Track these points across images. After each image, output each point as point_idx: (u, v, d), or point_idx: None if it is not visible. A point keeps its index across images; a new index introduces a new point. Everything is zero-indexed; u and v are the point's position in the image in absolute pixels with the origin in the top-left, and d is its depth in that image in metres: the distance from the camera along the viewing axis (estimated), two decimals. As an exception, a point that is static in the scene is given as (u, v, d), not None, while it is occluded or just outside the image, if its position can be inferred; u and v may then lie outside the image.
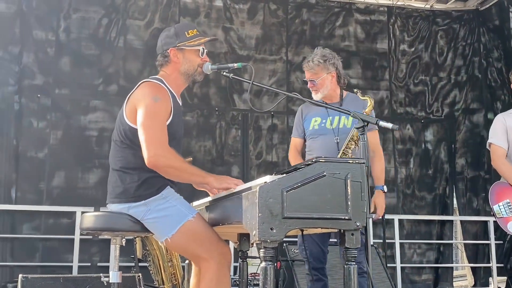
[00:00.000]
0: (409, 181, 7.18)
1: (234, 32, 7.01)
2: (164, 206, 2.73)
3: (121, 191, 2.76)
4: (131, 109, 2.79)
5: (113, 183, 2.82)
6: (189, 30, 2.96)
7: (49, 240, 5.96)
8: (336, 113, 3.85)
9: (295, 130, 4.03)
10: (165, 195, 2.75)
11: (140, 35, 6.64)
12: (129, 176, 2.77)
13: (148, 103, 2.73)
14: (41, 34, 6.32)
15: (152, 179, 2.75)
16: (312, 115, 3.94)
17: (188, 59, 2.93)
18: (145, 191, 2.73)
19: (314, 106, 3.90)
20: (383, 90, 7.34)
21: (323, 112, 3.88)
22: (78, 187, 6.13)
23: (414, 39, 7.52)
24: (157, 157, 2.64)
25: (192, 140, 6.59)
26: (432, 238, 7.14)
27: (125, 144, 2.81)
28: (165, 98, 2.79)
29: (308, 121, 3.95)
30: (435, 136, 7.40)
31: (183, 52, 2.93)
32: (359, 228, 2.27)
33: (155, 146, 2.66)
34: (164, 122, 2.75)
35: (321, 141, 3.83)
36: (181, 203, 2.77)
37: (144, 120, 2.70)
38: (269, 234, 2.17)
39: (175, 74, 2.94)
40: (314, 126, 3.89)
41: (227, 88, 6.87)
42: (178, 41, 2.92)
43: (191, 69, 2.94)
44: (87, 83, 6.39)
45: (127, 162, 2.79)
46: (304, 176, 2.24)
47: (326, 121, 3.86)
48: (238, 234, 3.30)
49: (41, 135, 6.13)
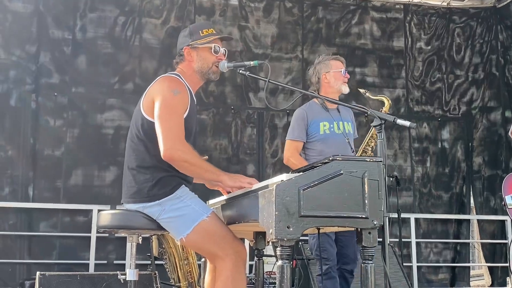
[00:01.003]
0: (426, 180, 7.13)
1: (249, 30, 7.00)
2: (179, 206, 2.73)
3: (135, 191, 2.77)
4: (148, 103, 2.80)
5: (128, 183, 2.82)
6: (204, 29, 2.97)
7: (66, 238, 6.00)
8: (338, 118, 4.04)
9: (296, 134, 4.07)
10: (179, 194, 2.75)
11: (156, 33, 6.66)
12: (143, 175, 2.77)
13: (166, 96, 2.74)
14: (57, 33, 6.37)
15: (166, 179, 2.75)
16: (319, 119, 4.04)
17: (201, 57, 2.94)
18: (159, 191, 2.73)
19: (318, 110, 4.03)
20: (400, 88, 7.29)
21: (328, 117, 4.02)
22: (95, 185, 6.17)
23: (430, 36, 7.46)
24: (174, 151, 2.65)
25: (207, 138, 6.60)
26: (449, 237, 7.09)
27: (141, 141, 2.81)
28: (183, 92, 2.81)
29: (315, 125, 4.03)
30: (452, 135, 7.34)
31: (196, 50, 2.95)
32: (376, 227, 2.26)
33: (172, 139, 2.66)
34: (182, 116, 2.76)
35: (333, 144, 3.93)
36: (195, 202, 2.77)
37: (162, 113, 2.71)
38: (285, 233, 2.17)
39: (190, 71, 2.96)
40: (325, 130, 4.00)
41: (242, 86, 6.87)
42: (192, 39, 2.95)
43: (205, 67, 2.95)
44: (103, 81, 6.42)
45: (142, 160, 2.79)
46: (321, 175, 2.24)
47: (333, 126, 4.00)
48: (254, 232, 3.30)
49: (57, 134, 6.18)
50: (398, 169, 7.01)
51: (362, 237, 2.27)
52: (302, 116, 4.09)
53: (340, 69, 4.09)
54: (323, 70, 4.14)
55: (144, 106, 2.82)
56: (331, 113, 4.04)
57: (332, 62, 4.14)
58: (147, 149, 2.78)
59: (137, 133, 2.83)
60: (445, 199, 7.15)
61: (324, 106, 4.03)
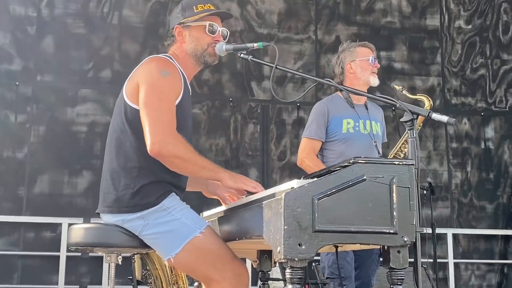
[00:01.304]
0: (466, 188, 7.12)
1: (252, 6, 7.00)
2: (165, 219, 2.71)
3: (114, 199, 2.76)
4: (132, 87, 2.80)
5: (105, 187, 2.82)
6: (198, 5, 2.98)
7: (30, 257, 6.01)
8: (365, 116, 4.09)
9: (314, 131, 4.12)
10: (166, 205, 2.73)
11: (138, 10, 6.67)
12: (124, 179, 2.76)
13: (154, 78, 2.74)
14: (19, 9, 6.38)
15: (152, 185, 2.74)
16: (341, 115, 4.09)
17: (194, 37, 2.95)
18: (141, 200, 2.72)
19: (342, 105, 4.07)
20: (434, 76, 7.29)
21: (353, 114, 4.04)
22: (64, 194, 6.18)
23: (472, 13, 7.45)
24: (163, 144, 2.63)
25: (201, 137, 6.60)
26: (494, 258, 7.08)
27: (124, 134, 2.80)
28: (174, 73, 2.81)
29: (337, 122, 4.09)
30: (497, 132, 7.33)
31: (189, 29, 2.96)
32: (407, 244, 2.25)
33: (161, 130, 2.65)
34: (173, 103, 2.76)
35: (357, 146, 3.98)
36: (186, 215, 2.75)
37: (148, 99, 2.71)
38: (297, 251, 2.16)
39: (183, 54, 2.97)
40: (349, 129, 4.06)
41: (243, 74, 6.87)
42: (183, 16, 2.96)
43: (199, 48, 2.95)
44: (74, 68, 6.43)
45: (125, 159, 2.78)
46: (339, 181, 2.23)
47: (359, 125, 4.06)
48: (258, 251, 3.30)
49: (19, 132, 6.19)
50: (432, 174, 7.00)
51: (390, 256, 2.26)
52: (323, 110, 4.14)
53: (368, 57, 4.14)
54: (348, 58, 4.18)
55: (128, 92, 2.82)
56: (357, 109, 4.02)
57: (359, 49, 4.19)
58: (132, 145, 2.78)
59: (120, 125, 2.83)
60: (490, 211, 7.14)
61: (350, 101, 4.02)
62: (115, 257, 2.88)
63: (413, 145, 2.50)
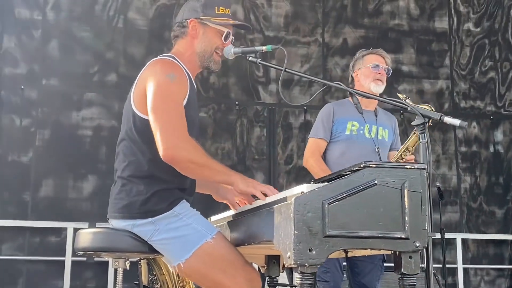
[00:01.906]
0: (475, 192, 7.10)
1: (258, 8, 7.01)
2: (176, 225, 2.72)
3: (125, 205, 2.76)
4: (140, 95, 2.79)
5: (116, 193, 2.82)
6: (220, 7, 2.98)
7: (35, 262, 6.02)
8: (373, 121, 4.15)
9: (322, 130, 4.20)
10: (178, 211, 2.74)
11: (143, 13, 6.68)
12: (135, 186, 2.76)
13: (161, 83, 2.73)
14: (25, 12, 6.40)
15: (164, 192, 2.75)
16: (347, 117, 4.16)
17: (207, 38, 2.94)
18: (153, 207, 2.72)
19: (349, 109, 4.16)
20: (443, 79, 7.28)
21: (359, 117, 4.10)
22: (70, 198, 6.18)
23: (481, 16, 7.44)
24: (176, 150, 2.63)
25: (207, 141, 6.60)
26: (504, 263, 7.06)
27: (134, 143, 2.80)
28: (181, 76, 2.80)
29: (342, 123, 4.16)
30: (507, 136, 7.31)
31: (204, 27, 2.95)
32: (419, 250, 2.25)
33: (173, 135, 2.64)
34: (182, 106, 2.75)
35: (359, 148, 4.04)
36: (197, 220, 2.76)
37: (157, 104, 2.69)
38: (307, 257, 2.16)
39: (190, 51, 2.95)
40: (353, 131, 4.13)
41: (249, 77, 6.87)
42: (204, 14, 2.94)
43: (208, 50, 2.95)
44: (80, 72, 6.44)
45: (135, 167, 2.78)
46: (350, 185, 2.23)
47: (364, 128, 4.12)
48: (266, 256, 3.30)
49: (25, 135, 6.20)
50: (441, 178, 6.98)
51: (402, 262, 2.25)
52: (329, 111, 4.22)
53: (371, 64, 4.18)
54: (356, 67, 4.29)
55: (135, 100, 2.81)
56: (365, 115, 4.10)
57: (366, 57, 4.26)
58: (143, 153, 2.78)
59: (129, 133, 2.83)
60: (499, 216, 7.12)
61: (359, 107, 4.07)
62: (123, 262, 2.88)
63: (425, 149, 2.49)
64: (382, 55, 4.26)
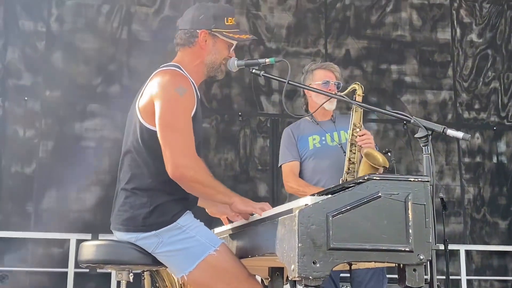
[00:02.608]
0: (479, 203, 7.08)
1: (261, 20, 7.02)
2: (180, 237, 2.73)
3: (128, 217, 2.77)
4: (147, 107, 2.79)
5: (120, 205, 2.83)
6: (229, 18, 2.98)
7: (38, 273, 6.00)
8: (332, 128, 4.21)
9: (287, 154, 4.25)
10: (181, 224, 2.76)
11: (147, 25, 6.69)
12: (139, 199, 2.77)
13: (170, 97, 2.73)
14: (28, 24, 6.41)
15: (167, 205, 2.76)
16: (306, 134, 4.24)
17: (217, 50, 2.95)
18: (157, 219, 2.73)
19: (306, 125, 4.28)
20: (446, 90, 7.27)
21: (318, 130, 4.21)
22: (73, 209, 6.17)
23: (483, 27, 7.45)
24: (185, 170, 2.66)
25: (210, 152, 6.60)
26: (508, 274, 7.03)
27: (140, 155, 2.81)
28: (190, 90, 2.80)
29: (304, 141, 4.23)
30: (510, 147, 7.30)
31: (214, 39, 2.95)
32: (423, 262, 2.26)
33: (182, 154, 2.66)
34: (191, 121, 2.76)
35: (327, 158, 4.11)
36: (201, 232, 2.77)
37: (166, 119, 2.70)
38: (311, 269, 2.17)
39: (197, 62, 2.95)
40: (315, 144, 4.20)
41: (252, 88, 6.88)
42: (215, 25, 2.94)
43: (217, 62, 2.96)
44: (83, 83, 6.44)
45: (140, 180, 2.79)
46: (354, 197, 2.24)
47: (325, 138, 4.19)
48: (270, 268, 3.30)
49: (28, 146, 6.20)
50: (444, 189, 6.97)
51: (406, 275, 2.26)
52: (288, 134, 4.31)
53: (321, 81, 4.20)
54: (306, 82, 4.29)
55: (142, 111, 2.81)
56: (322, 125, 4.23)
57: (316, 72, 4.28)
58: (147, 166, 2.79)
59: (135, 145, 2.83)
60: (503, 227, 7.10)
61: (314, 120, 4.26)
62: (126, 274, 2.89)
63: (428, 161, 2.50)
64: (331, 69, 4.29)
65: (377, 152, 3.90)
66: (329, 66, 4.33)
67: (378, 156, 3.86)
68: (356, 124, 4.03)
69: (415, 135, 2.59)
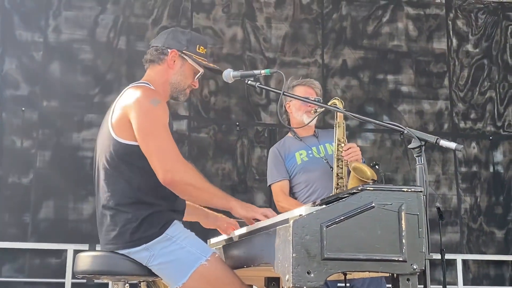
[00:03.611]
0: (476, 213, 7.09)
1: (258, 30, 7.05)
2: (170, 249, 2.73)
3: (115, 235, 2.77)
4: (121, 122, 2.79)
5: (106, 226, 2.82)
6: (201, 46, 3.05)
7: (35, 284, 6.00)
8: (315, 143, 4.27)
9: (275, 174, 4.28)
10: (170, 234, 2.75)
11: (145, 35, 6.71)
12: (123, 215, 2.76)
13: (146, 108, 2.75)
14: (26, 35, 6.43)
15: (153, 216, 2.75)
16: (293, 150, 4.28)
17: (184, 72, 3.01)
18: (145, 233, 2.73)
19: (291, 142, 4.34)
20: (442, 100, 7.30)
21: (302, 146, 4.26)
22: (70, 219, 6.17)
23: (479, 37, 7.48)
24: (176, 173, 2.64)
25: (207, 161, 6.61)
26: (505, 284, 7.03)
27: (117, 171, 2.80)
28: (163, 102, 2.85)
29: (291, 157, 4.27)
30: (507, 156, 7.31)
31: (183, 61, 3.01)
32: (416, 272, 2.26)
33: (170, 158, 2.66)
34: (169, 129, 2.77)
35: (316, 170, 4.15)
36: (191, 243, 2.76)
37: (146, 128, 2.71)
38: (305, 279, 2.17)
39: (163, 80, 3.00)
40: (303, 158, 4.23)
41: (249, 98, 6.90)
42: (186, 48, 2.99)
43: (181, 85, 3.01)
44: (81, 93, 6.46)
45: (121, 196, 2.78)
46: (348, 208, 2.25)
47: (312, 152, 4.23)
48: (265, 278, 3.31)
49: (25, 157, 6.20)
50: (441, 199, 6.98)
51: (399, 285, 2.27)
52: (275, 153, 4.34)
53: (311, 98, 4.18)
54: (287, 98, 4.30)
55: (115, 127, 2.81)
56: (305, 141, 4.29)
57: (296, 88, 4.32)
58: (128, 181, 2.78)
59: (110, 161, 2.82)
60: (500, 236, 7.10)
61: (297, 136, 4.33)
62: (122, 285, 2.90)
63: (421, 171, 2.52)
64: (311, 86, 4.35)
65: (364, 166, 3.91)
66: (309, 82, 4.39)
67: (365, 170, 3.86)
68: (340, 139, 4.06)
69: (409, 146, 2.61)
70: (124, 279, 2.87)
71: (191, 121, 6.69)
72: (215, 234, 3.42)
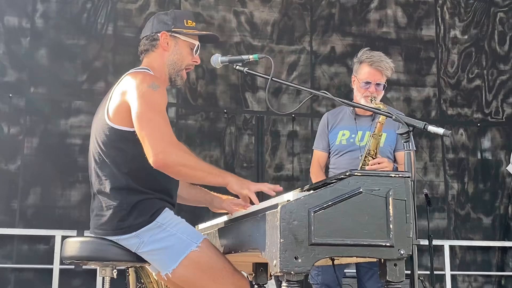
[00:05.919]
0: (463, 199, 7.13)
1: (246, 16, 7.03)
2: (160, 236, 2.71)
3: (105, 221, 2.75)
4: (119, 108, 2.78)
5: (96, 209, 2.81)
6: (188, 20, 3.02)
7: (23, 270, 5.99)
8: (366, 127, 3.98)
9: (319, 142, 4.17)
10: (161, 222, 2.73)
11: (132, 21, 6.68)
12: (114, 201, 2.74)
13: (144, 92, 2.73)
14: (13, 20, 6.38)
15: (144, 203, 2.74)
16: (340, 127, 4.08)
17: (179, 50, 2.98)
18: (135, 220, 2.71)
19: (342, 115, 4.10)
20: (430, 87, 7.31)
21: (351, 125, 4.02)
22: (58, 206, 6.16)
23: (468, 24, 7.49)
24: (167, 154, 2.61)
25: (195, 148, 6.60)
26: (491, 269, 7.09)
27: (109, 157, 2.79)
28: (162, 86, 2.82)
29: (334, 133, 4.08)
30: (494, 143, 7.35)
31: (175, 40, 2.99)
32: (403, 257, 2.27)
33: (162, 140, 2.64)
34: (166, 113, 2.77)
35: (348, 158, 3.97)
36: (182, 229, 2.75)
37: (142, 112, 2.69)
38: (293, 265, 2.18)
39: (160, 64, 2.98)
40: (342, 140, 4.03)
41: (238, 85, 6.89)
42: (174, 26, 2.97)
43: (179, 64, 2.99)
44: (68, 80, 6.43)
45: (112, 182, 2.77)
46: (336, 193, 2.25)
47: (355, 136, 3.97)
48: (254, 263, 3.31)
49: (13, 143, 6.18)
50: (428, 185, 7.02)
51: (387, 269, 2.28)
52: (323, 122, 4.18)
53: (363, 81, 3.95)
54: (354, 71, 4.10)
55: (113, 113, 2.79)
56: (359, 120, 4.02)
57: (362, 66, 4.02)
58: (118, 167, 2.77)
59: (103, 147, 2.81)
60: (487, 223, 7.15)
61: (354, 111, 4.04)
62: (110, 271, 2.89)
63: (409, 157, 2.52)
64: (379, 68, 3.95)
65: None
66: (376, 63, 3.96)
67: None
68: (371, 151, 3.74)
69: (397, 131, 2.61)
70: (112, 265, 2.86)
71: (179, 108, 6.67)
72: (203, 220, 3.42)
